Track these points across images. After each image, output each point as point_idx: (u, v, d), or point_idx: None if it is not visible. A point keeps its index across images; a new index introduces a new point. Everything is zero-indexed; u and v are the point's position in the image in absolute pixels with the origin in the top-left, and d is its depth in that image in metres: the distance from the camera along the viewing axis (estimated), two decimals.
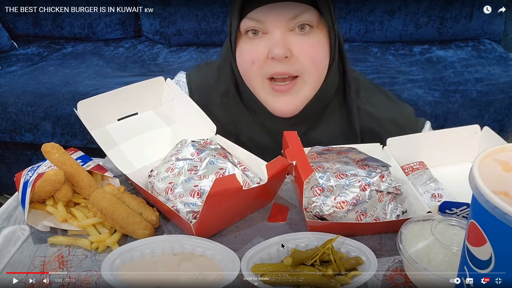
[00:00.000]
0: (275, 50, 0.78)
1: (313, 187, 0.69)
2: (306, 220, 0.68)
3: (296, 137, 0.73)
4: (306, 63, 0.81)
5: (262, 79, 0.84)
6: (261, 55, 0.81)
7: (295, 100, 0.85)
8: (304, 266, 0.63)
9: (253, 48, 0.82)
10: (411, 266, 0.59)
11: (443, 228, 0.62)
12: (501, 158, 0.44)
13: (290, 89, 0.83)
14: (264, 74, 0.83)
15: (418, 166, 0.79)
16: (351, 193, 0.68)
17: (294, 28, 0.80)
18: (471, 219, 0.44)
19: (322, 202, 0.68)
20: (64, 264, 0.67)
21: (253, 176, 0.75)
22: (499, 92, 1.91)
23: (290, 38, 0.80)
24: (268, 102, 0.86)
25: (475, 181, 0.41)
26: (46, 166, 0.78)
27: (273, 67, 0.81)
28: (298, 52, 0.80)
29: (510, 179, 0.42)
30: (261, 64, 0.82)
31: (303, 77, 0.83)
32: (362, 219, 0.68)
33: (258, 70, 0.82)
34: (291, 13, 0.78)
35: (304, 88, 0.84)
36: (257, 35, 0.81)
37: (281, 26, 0.79)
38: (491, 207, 0.39)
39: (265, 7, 0.78)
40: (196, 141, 0.79)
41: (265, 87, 0.84)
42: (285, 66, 0.80)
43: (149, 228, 0.70)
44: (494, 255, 0.42)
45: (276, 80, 0.83)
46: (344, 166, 0.73)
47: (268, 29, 0.80)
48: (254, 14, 0.79)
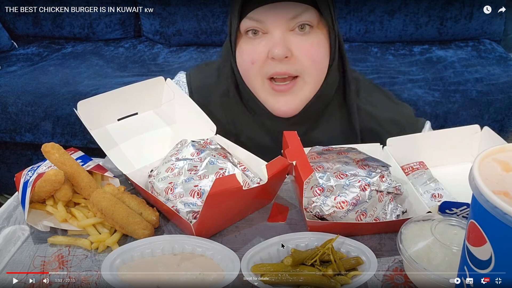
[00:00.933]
0: (275, 50, 0.78)
1: (313, 187, 0.69)
2: (306, 220, 0.68)
3: (296, 137, 0.74)
4: (306, 63, 0.81)
5: (262, 79, 0.84)
6: (261, 55, 0.81)
7: (295, 100, 0.85)
8: (304, 266, 0.63)
9: (253, 48, 0.82)
10: (411, 266, 0.59)
11: (443, 228, 0.62)
12: (501, 158, 0.44)
13: (290, 89, 0.83)
14: (264, 74, 0.83)
15: (418, 166, 0.79)
16: (351, 193, 0.68)
17: (294, 28, 0.80)
18: (471, 219, 0.44)
19: (322, 202, 0.68)
20: (64, 264, 0.67)
21: (253, 176, 0.75)
22: (499, 92, 1.91)
23: (290, 38, 0.80)
24: (268, 102, 0.86)
25: (475, 181, 0.41)
26: (46, 166, 0.78)
27: (273, 67, 0.81)
28: (298, 52, 0.80)
29: (510, 179, 0.42)
30: (261, 64, 0.82)
31: (303, 77, 0.83)
32: (362, 219, 0.68)
33: (258, 70, 0.82)
34: (291, 13, 0.78)
35: (304, 88, 0.84)
36: (257, 35, 0.81)
37: (281, 26, 0.79)
38: (491, 207, 0.39)
39: (265, 7, 0.78)
40: (196, 141, 0.79)
41: (265, 87, 0.84)
42: (285, 66, 0.80)
43: (149, 228, 0.70)
44: (494, 255, 0.42)
45: (276, 80, 0.83)
46: (344, 166, 0.73)
47: (268, 29, 0.80)
48: (254, 14, 0.79)
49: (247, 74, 0.85)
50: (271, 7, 0.77)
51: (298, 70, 0.82)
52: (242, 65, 0.85)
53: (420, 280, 0.60)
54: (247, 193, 0.67)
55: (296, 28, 0.80)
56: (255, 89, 0.86)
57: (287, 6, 0.78)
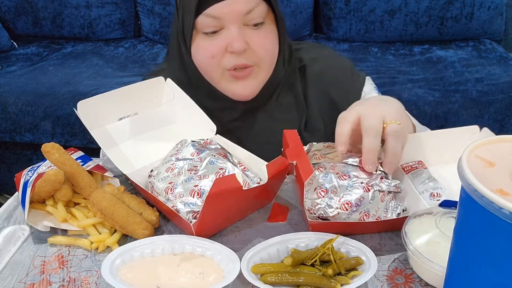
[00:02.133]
0: (234, 45, 0.83)
1: (317, 188, 0.69)
2: (308, 220, 0.68)
3: (296, 136, 0.74)
4: (261, 54, 0.88)
5: (222, 71, 0.89)
6: (220, 49, 0.86)
7: (254, 83, 0.91)
8: (304, 266, 0.63)
9: (211, 42, 0.86)
10: (418, 260, 0.59)
11: (447, 220, 0.63)
12: (481, 154, 0.45)
13: (248, 75, 0.89)
14: (224, 67, 0.88)
15: (417, 165, 0.79)
16: (355, 194, 0.68)
17: (248, 22, 0.85)
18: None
19: (327, 204, 0.68)
20: (64, 264, 0.67)
21: (253, 176, 0.75)
22: (499, 92, 1.91)
23: (246, 32, 0.85)
24: (228, 89, 0.92)
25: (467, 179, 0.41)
26: (46, 166, 0.78)
27: (233, 60, 0.86)
28: (254, 45, 0.86)
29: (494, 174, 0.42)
30: (220, 57, 0.87)
31: (259, 64, 0.89)
32: (365, 219, 0.68)
33: (218, 63, 0.87)
34: (246, 8, 0.83)
35: (260, 73, 0.91)
36: (215, 33, 0.85)
37: (237, 21, 0.84)
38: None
39: (220, 4, 0.82)
40: (196, 141, 0.79)
41: (225, 76, 0.90)
42: (244, 58, 0.86)
43: (149, 228, 0.70)
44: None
45: (236, 69, 0.88)
46: (345, 167, 0.73)
47: (224, 24, 0.84)
48: (210, 10, 0.83)
49: (206, 67, 0.90)
50: (226, 3, 0.82)
51: (255, 61, 0.88)
52: (200, 59, 0.89)
53: (428, 273, 0.60)
54: (247, 193, 0.67)
55: (250, 23, 0.85)
56: (214, 80, 0.91)
57: (241, 2, 0.82)
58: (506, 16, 2.32)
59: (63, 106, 1.95)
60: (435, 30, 2.30)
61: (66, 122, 1.96)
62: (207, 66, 0.90)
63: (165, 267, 0.63)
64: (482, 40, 2.33)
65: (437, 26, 2.29)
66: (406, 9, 2.26)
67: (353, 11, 2.30)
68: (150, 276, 0.62)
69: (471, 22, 2.28)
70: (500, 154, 0.45)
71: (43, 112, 1.96)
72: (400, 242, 0.64)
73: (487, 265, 0.43)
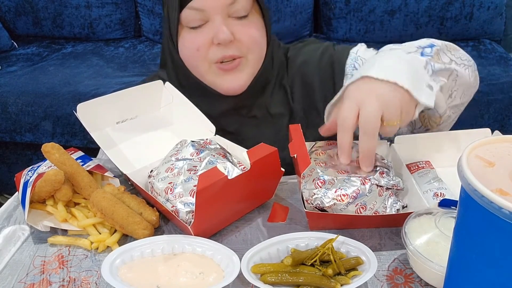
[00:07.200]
0: (220, 36, 0.82)
1: (315, 179, 0.70)
2: (305, 211, 0.68)
3: (299, 131, 0.74)
4: (248, 44, 0.86)
5: (209, 64, 0.87)
6: (206, 41, 0.84)
7: (242, 76, 0.89)
8: (304, 266, 0.63)
9: (197, 35, 0.85)
10: (418, 260, 0.59)
11: (447, 220, 0.63)
12: (480, 154, 0.45)
13: (236, 67, 0.87)
14: (211, 59, 0.86)
15: (424, 165, 0.80)
16: (352, 186, 0.69)
17: (233, 14, 0.84)
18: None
19: (323, 194, 0.69)
20: (64, 264, 0.67)
21: None
22: (499, 92, 1.91)
23: (231, 23, 0.84)
24: (216, 83, 0.90)
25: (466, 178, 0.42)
26: (46, 166, 0.78)
27: (220, 52, 0.85)
28: (240, 35, 0.85)
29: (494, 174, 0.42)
30: (206, 50, 0.85)
31: (246, 56, 0.87)
32: (362, 212, 0.69)
33: (204, 56, 0.86)
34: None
35: (248, 66, 0.89)
36: (200, 27, 0.85)
37: (221, 12, 0.83)
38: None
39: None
40: (195, 141, 0.79)
41: (212, 69, 0.88)
42: (231, 50, 0.85)
43: (149, 228, 0.70)
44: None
45: (223, 62, 0.87)
46: (346, 165, 0.74)
47: (209, 16, 0.83)
48: (194, 3, 0.82)
49: (192, 61, 0.88)
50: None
51: (243, 52, 0.86)
52: (186, 53, 0.88)
53: (428, 273, 0.60)
54: (235, 182, 0.66)
55: (234, 14, 0.84)
56: (201, 73, 0.89)
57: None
58: (506, 16, 2.32)
59: (63, 106, 1.95)
60: (435, 30, 2.30)
61: (66, 122, 1.96)
62: (193, 61, 0.88)
63: (165, 267, 0.63)
64: (482, 40, 2.33)
65: (437, 26, 2.29)
66: (406, 9, 2.26)
67: (353, 11, 2.30)
68: (150, 276, 0.62)
69: (471, 22, 2.28)
70: (499, 154, 0.45)
71: (43, 112, 1.96)
72: (400, 242, 0.64)
73: (487, 265, 0.43)
